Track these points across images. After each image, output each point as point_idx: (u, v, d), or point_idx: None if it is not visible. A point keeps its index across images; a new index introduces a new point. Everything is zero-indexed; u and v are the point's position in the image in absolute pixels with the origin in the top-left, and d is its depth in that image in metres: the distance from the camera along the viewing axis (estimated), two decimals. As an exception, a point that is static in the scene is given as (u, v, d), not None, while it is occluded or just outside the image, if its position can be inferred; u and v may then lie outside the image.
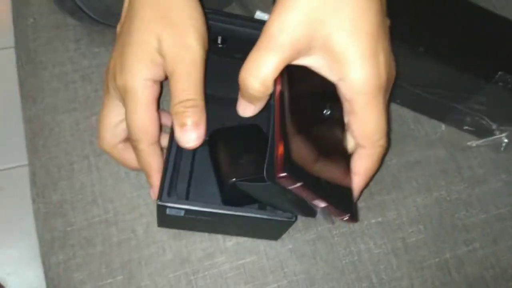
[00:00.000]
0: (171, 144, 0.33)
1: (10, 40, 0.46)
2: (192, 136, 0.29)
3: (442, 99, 0.42)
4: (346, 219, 0.28)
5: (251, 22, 0.38)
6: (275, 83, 0.28)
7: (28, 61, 0.44)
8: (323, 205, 0.27)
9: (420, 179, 0.42)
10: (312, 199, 0.26)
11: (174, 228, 0.37)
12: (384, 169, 0.41)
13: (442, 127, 0.44)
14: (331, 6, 0.26)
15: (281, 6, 0.26)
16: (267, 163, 0.27)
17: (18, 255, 0.90)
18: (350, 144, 0.30)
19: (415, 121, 0.44)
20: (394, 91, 0.31)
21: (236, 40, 0.38)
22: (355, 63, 0.27)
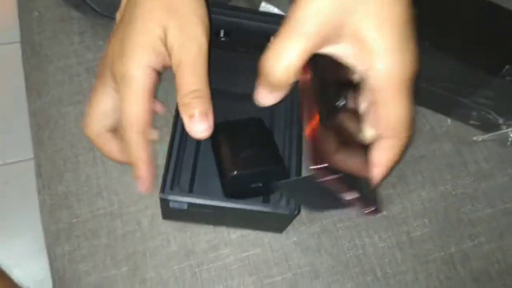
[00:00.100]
0: (173, 137, 0.33)
1: (16, 35, 0.46)
2: (201, 127, 0.29)
3: (448, 93, 0.42)
4: (372, 211, 0.27)
5: (256, 15, 0.38)
6: (303, 71, 0.27)
7: (33, 54, 0.44)
8: (355, 196, 0.26)
9: (426, 173, 0.42)
10: (345, 191, 0.26)
11: (178, 220, 0.38)
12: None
13: (448, 121, 0.44)
14: None
15: None
16: (307, 155, 0.26)
17: (23, 248, 0.91)
18: (369, 134, 0.29)
19: (420, 115, 0.44)
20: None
21: (240, 33, 0.37)
22: (384, 54, 0.26)
